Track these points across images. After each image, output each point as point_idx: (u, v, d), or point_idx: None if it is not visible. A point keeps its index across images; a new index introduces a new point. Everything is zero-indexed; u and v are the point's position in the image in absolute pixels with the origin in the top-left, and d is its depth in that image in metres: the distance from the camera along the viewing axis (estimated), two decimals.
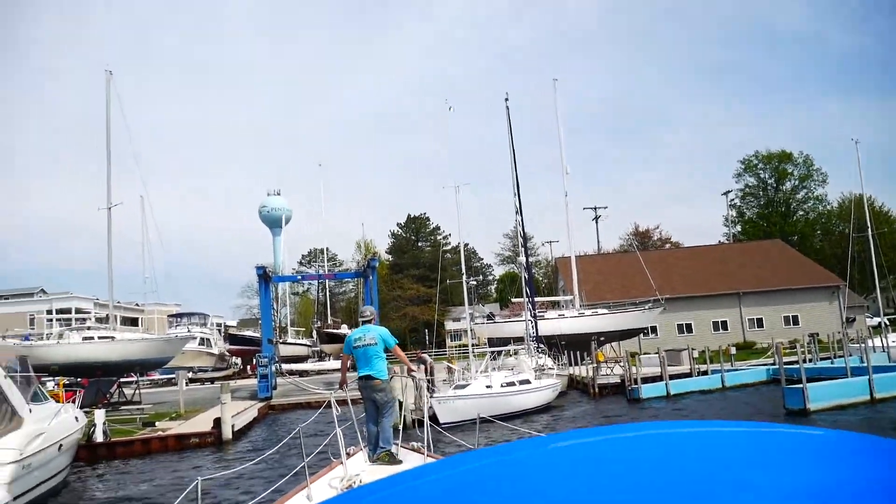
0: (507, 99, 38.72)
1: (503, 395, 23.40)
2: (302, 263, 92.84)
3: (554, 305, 47.63)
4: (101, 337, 32.56)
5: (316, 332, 61.43)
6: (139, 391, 34.62)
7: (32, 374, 14.84)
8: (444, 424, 17.66)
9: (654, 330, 50.16)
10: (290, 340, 58.46)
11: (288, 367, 45.64)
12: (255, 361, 38.19)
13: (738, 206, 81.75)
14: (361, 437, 9.14)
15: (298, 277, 61.61)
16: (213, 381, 47.53)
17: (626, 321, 44.36)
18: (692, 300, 52.21)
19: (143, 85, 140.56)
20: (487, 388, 23.43)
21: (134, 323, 66.65)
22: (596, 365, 32.36)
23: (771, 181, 79.99)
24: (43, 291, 72.88)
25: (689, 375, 30.76)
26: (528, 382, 25.12)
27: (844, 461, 1.30)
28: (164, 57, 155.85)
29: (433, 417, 19.94)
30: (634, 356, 32.22)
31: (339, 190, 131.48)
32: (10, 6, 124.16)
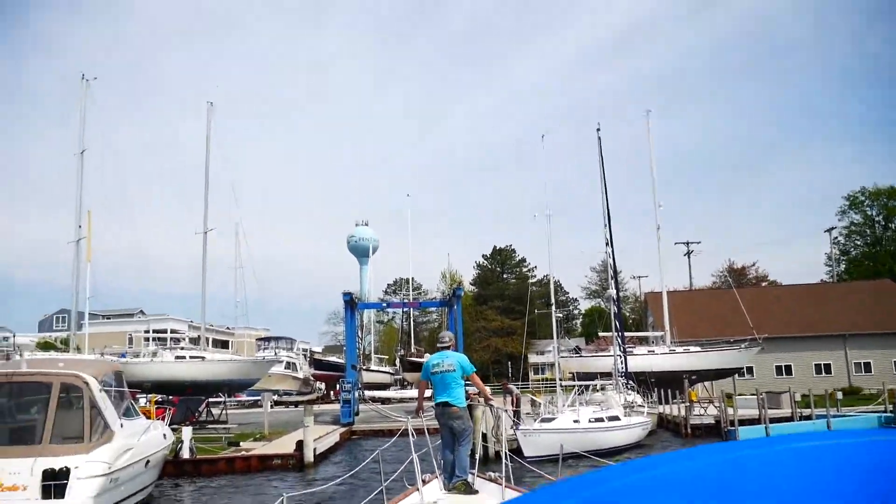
0: (598, 129, 38.25)
1: (591, 430, 22.47)
2: (387, 292, 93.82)
3: (643, 341, 46.04)
4: (192, 357, 33.67)
5: (399, 360, 61.68)
6: (226, 411, 35.51)
7: (126, 389, 15.22)
8: (528, 458, 17.09)
9: (749, 370, 47.51)
10: (373, 367, 58.84)
11: (371, 393, 45.81)
12: (338, 387, 38.57)
13: (842, 243, 77.05)
14: (437, 464, 8.90)
15: (384, 305, 62.23)
16: (297, 404, 48.22)
17: (720, 360, 42.26)
18: (792, 340, 49.34)
19: (238, 116, 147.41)
20: (575, 422, 22.64)
21: (224, 345, 68.94)
22: (689, 404, 30.92)
23: (879, 218, 75.10)
24: (142, 312, 76.33)
25: (790, 419, 28.85)
26: (617, 419, 24.09)
27: None
28: (261, 91, 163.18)
29: (517, 450, 19.36)
30: (730, 397, 30.54)
31: (425, 220, 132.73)
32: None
